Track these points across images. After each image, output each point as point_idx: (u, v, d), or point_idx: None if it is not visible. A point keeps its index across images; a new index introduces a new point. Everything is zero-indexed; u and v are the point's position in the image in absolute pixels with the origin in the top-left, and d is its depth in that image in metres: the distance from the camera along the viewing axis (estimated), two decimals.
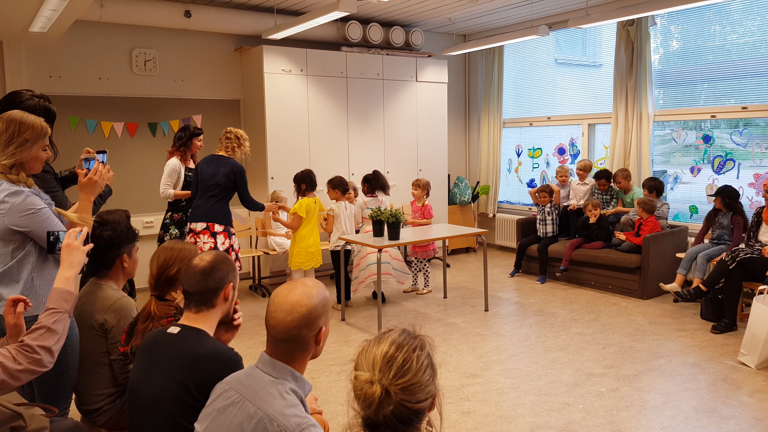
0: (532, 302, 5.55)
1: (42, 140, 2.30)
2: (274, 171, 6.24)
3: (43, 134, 2.31)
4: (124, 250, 2.51)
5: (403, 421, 1.25)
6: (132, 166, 6.01)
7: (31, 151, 2.27)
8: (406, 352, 1.28)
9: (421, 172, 7.33)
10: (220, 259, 1.92)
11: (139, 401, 1.80)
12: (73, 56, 5.68)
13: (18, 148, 2.24)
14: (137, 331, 2.15)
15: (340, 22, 6.69)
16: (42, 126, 2.31)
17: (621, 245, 5.73)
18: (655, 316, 5.03)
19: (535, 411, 3.35)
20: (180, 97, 6.23)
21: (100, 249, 2.47)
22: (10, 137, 2.23)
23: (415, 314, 5.24)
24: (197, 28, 5.98)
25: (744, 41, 5.49)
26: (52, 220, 2.23)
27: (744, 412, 3.28)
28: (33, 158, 2.29)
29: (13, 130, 2.24)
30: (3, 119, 2.25)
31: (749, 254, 4.54)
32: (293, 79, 6.30)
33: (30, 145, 2.26)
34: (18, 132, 2.24)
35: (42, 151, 2.32)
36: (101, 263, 2.51)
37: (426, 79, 7.29)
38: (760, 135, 5.40)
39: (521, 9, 6.64)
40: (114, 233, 2.49)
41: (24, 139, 2.24)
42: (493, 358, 4.16)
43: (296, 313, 1.52)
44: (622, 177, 6.09)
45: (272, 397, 1.46)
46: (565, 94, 7.35)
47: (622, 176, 6.09)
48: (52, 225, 2.22)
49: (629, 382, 3.71)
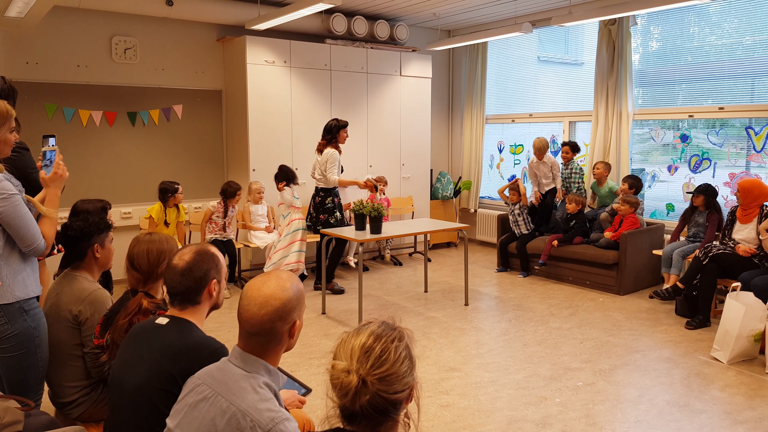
0: (512, 297, 5.60)
1: (8, 123, 2.25)
2: (256, 163, 6.20)
3: (8, 117, 2.25)
4: (95, 240, 2.47)
5: (380, 412, 1.26)
6: (111, 155, 5.92)
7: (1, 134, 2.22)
8: (384, 342, 1.29)
9: (404, 167, 7.34)
10: (199, 257, 1.86)
11: (121, 390, 1.78)
12: (51, 43, 5.56)
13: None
14: (118, 325, 2.08)
15: (325, 14, 6.65)
16: (6, 109, 2.25)
17: (599, 241, 5.81)
18: (632, 312, 5.11)
19: (512, 404, 3.39)
20: (160, 86, 6.15)
21: (72, 240, 2.44)
22: None
23: (396, 308, 5.26)
24: (179, 16, 5.89)
25: (721, 43, 5.58)
26: (23, 208, 2.19)
27: (715, 406, 3.36)
28: (1, 142, 2.25)
29: None
30: None
31: (721, 250, 4.64)
32: (276, 71, 6.25)
33: None
34: None
35: (9, 134, 2.27)
36: (74, 254, 2.48)
37: (410, 73, 7.28)
38: (736, 135, 5.50)
39: (505, 6, 6.67)
40: (84, 224, 2.45)
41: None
42: (472, 352, 4.19)
43: (270, 307, 1.49)
44: (602, 166, 6.11)
45: (245, 392, 1.44)
46: (547, 91, 7.41)
47: (602, 166, 6.11)
48: (22, 212, 2.18)
49: (605, 376, 3.77)
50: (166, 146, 6.24)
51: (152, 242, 2.23)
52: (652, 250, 5.72)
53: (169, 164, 6.26)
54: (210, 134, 6.52)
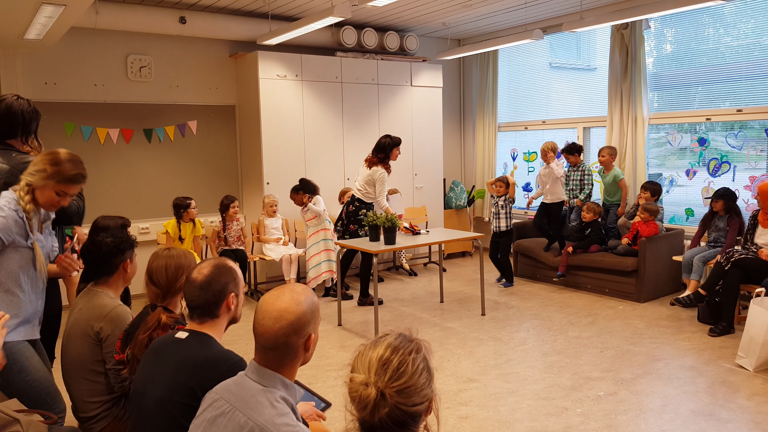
0: (529, 306, 5.54)
1: (60, 182, 2.29)
2: (270, 176, 6.23)
3: (65, 178, 2.30)
4: (127, 256, 2.51)
5: (399, 424, 1.25)
6: (128, 172, 5.99)
7: (44, 183, 2.27)
8: (402, 355, 1.28)
9: (416, 177, 7.33)
10: (218, 271, 1.87)
11: (142, 404, 1.79)
12: (69, 63, 5.67)
13: (36, 173, 2.26)
14: (138, 340, 2.09)
15: (335, 27, 6.70)
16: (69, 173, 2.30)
17: (617, 248, 5.73)
18: (653, 320, 5.02)
19: (533, 415, 3.33)
20: (175, 103, 6.23)
21: (103, 255, 2.46)
22: (38, 162, 2.27)
23: (412, 319, 5.23)
24: (192, 34, 5.98)
25: (738, 44, 5.51)
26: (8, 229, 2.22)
27: (742, 415, 3.27)
28: (43, 192, 2.29)
29: (45, 157, 2.27)
30: (50, 151, 2.31)
31: (744, 255, 4.55)
32: (288, 85, 6.30)
33: (45, 177, 2.27)
34: (47, 161, 2.27)
35: (55, 195, 2.31)
36: (102, 270, 2.49)
37: (421, 83, 7.30)
38: (755, 137, 5.42)
39: (515, 13, 6.66)
40: (116, 239, 2.49)
41: (43, 168, 2.26)
42: (490, 363, 4.14)
43: (284, 321, 1.48)
44: (607, 153, 6.01)
45: (262, 407, 1.44)
46: (559, 97, 7.37)
47: (607, 152, 6.02)
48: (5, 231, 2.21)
49: (627, 385, 3.70)
50: (181, 162, 6.30)
51: (171, 257, 2.25)
52: (672, 256, 5.62)
53: (185, 179, 6.32)
54: (224, 149, 6.58)
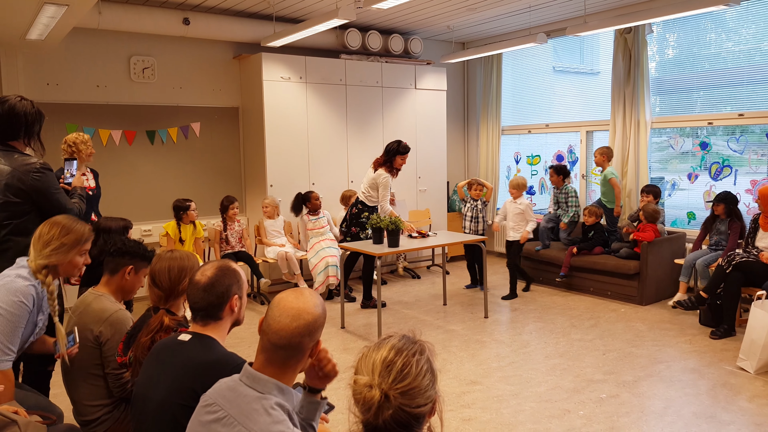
0: (532, 309, 5.54)
1: (81, 246, 2.36)
2: (273, 178, 6.25)
3: (84, 240, 2.36)
4: (132, 263, 2.50)
5: (403, 426, 1.25)
6: (131, 174, 6.01)
7: (67, 255, 2.31)
8: (406, 356, 1.28)
9: (420, 179, 7.34)
10: (221, 273, 1.87)
11: (144, 406, 1.79)
12: (71, 64, 5.69)
13: (54, 251, 2.28)
14: (141, 342, 2.09)
15: (339, 29, 6.71)
16: (84, 233, 2.36)
17: (620, 251, 5.73)
18: (654, 322, 5.02)
19: (535, 418, 3.34)
20: (178, 104, 6.24)
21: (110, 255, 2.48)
22: (50, 239, 2.29)
23: (415, 321, 5.23)
24: (196, 35, 5.99)
25: (739, 49, 5.52)
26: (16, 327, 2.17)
27: (744, 417, 3.28)
28: (68, 263, 2.33)
29: (54, 233, 2.30)
30: (49, 222, 2.33)
31: (745, 258, 4.55)
32: (292, 87, 6.32)
33: (66, 250, 2.30)
34: (58, 235, 2.29)
35: (79, 257, 2.37)
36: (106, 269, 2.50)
37: (425, 86, 7.31)
38: (757, 142, 5.42)
39: (519, 17, 6.68)
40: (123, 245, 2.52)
41: (60, 244, 2.29)
42: (493, 365, 4.15)
43: (302, 320, 1.50)
44: (599, 153, 6.05)
45: (257, 414, 1.44)
46: (563, 101, 7.38)
47: (599, 152, 6.05)
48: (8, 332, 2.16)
49: (629, 388, 3.71)
50: (184, 164, 6.32)
51: (173, 259, 2.24)
52: (674, 259, 5.63)
53: (188, 181, 6.33)
54: (228, 151, 6.60)
